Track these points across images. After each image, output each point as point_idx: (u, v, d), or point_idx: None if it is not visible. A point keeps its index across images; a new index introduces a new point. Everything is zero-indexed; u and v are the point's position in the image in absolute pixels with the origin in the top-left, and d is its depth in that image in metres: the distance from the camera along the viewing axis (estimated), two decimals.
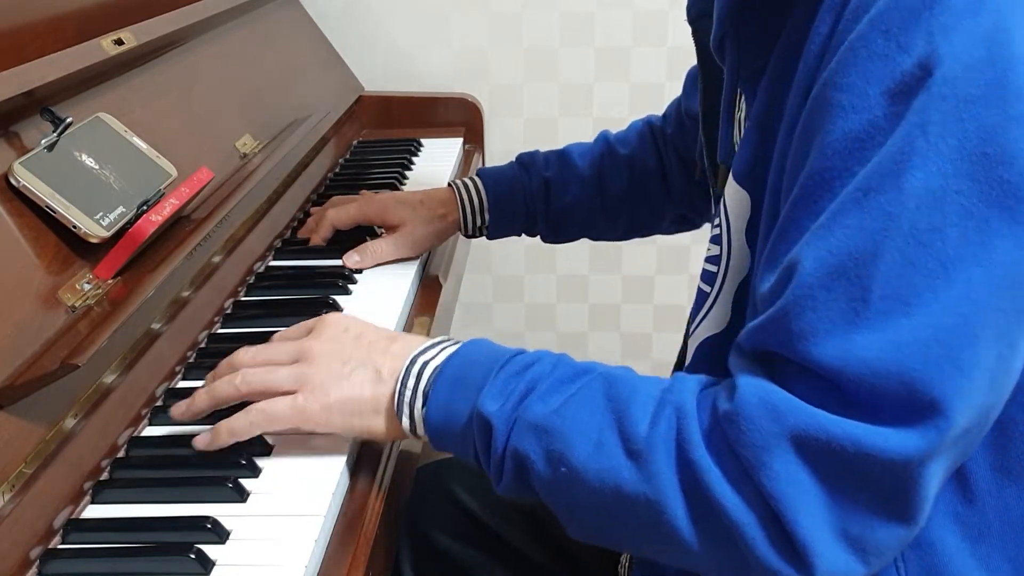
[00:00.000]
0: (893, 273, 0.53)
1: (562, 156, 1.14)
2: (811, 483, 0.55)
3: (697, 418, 0.60)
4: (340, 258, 1.08)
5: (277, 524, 0.67)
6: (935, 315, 0.52)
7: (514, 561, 0.98)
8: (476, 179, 1.14)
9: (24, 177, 0.76)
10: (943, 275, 0.52)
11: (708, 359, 0.71)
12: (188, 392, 0.84)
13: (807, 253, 0.55)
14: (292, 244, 1.15)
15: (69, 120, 0.83)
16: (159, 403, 0.82)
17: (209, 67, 1.18)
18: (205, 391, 0.74)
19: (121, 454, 0.76)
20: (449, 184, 1.15)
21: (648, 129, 1.15)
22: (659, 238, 1.49)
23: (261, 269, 1.08)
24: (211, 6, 1.19)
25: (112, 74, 0.97)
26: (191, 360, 0.89)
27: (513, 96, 1.76)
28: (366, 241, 1.09)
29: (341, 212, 1.11)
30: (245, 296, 1.02)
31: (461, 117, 1.65)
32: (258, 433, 0.72)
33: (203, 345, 0.92)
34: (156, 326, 0.86)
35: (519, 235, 1.17)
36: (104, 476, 0.73)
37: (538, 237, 1.17)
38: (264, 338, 0.92)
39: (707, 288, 0.71)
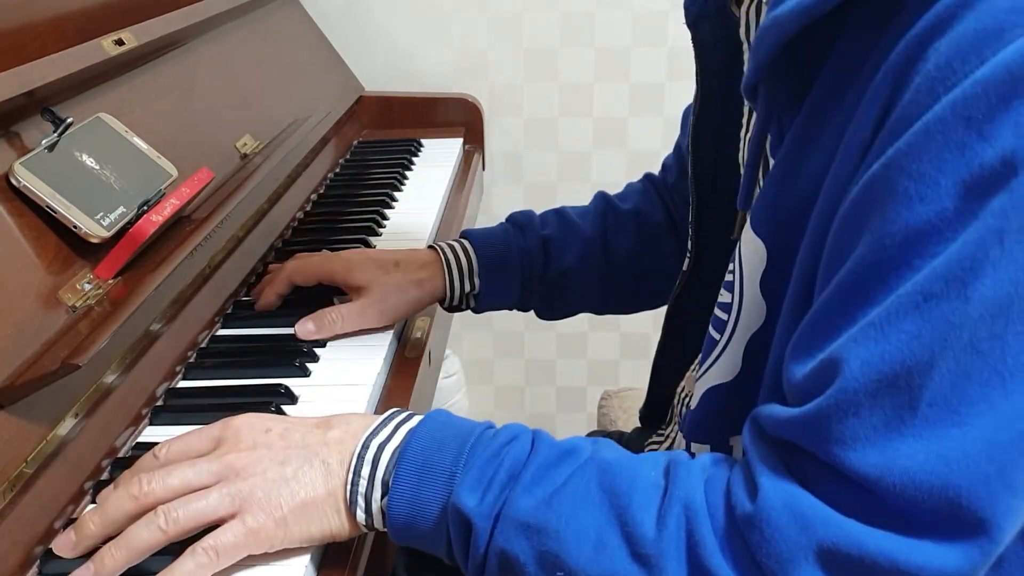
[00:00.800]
0: (946, 382, 0.49)
1: (560, 215, 1.03)
2: None
3: (709, 516, 0.55)
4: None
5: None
6: (988, 428, 0.48)
7: None
8: (463, 241, 1.00)
9: (25, 177, 0.76)
10: (1000, 385, 0.48)
11: (715, 407, 0.67)
12: (188, 392, 0.84)
13: (854, 353, 0.51)
14: (293, 244, 1.15)
15: (70, 120, 0.83)
16: (159, 403, 0.82)
17: (209, 67, 1.18)
18: (117, 547, 0.60)
19: (121, 454, 0.76)
20: (431, 246, 1.00)
21: (649, 184, 1.07)
22: None
23: (262, 269, 1.08)
24: (211, 6, 1.19)
25: (112, 74, 0.97)
26: (191, 360, 0.89)
27: (513, 96, 1.76)
28: (332, 301, 0.95)
29: (303, 266, 0.96)
30: (245, 296, 1.02)
31: (461, 117, 1.66)
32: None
33: (203, 345, 0.92)
34: (156, 326, 0.86)
35: (510, 308, 1.03)
36: (104, 476, 0.73)
37: (531, 312, 1.05)
38: (264, 338, 0.93)
39: (716, 335, 0.67)
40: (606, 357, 1.93)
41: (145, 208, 0.85)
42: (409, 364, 0.92)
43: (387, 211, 1.27)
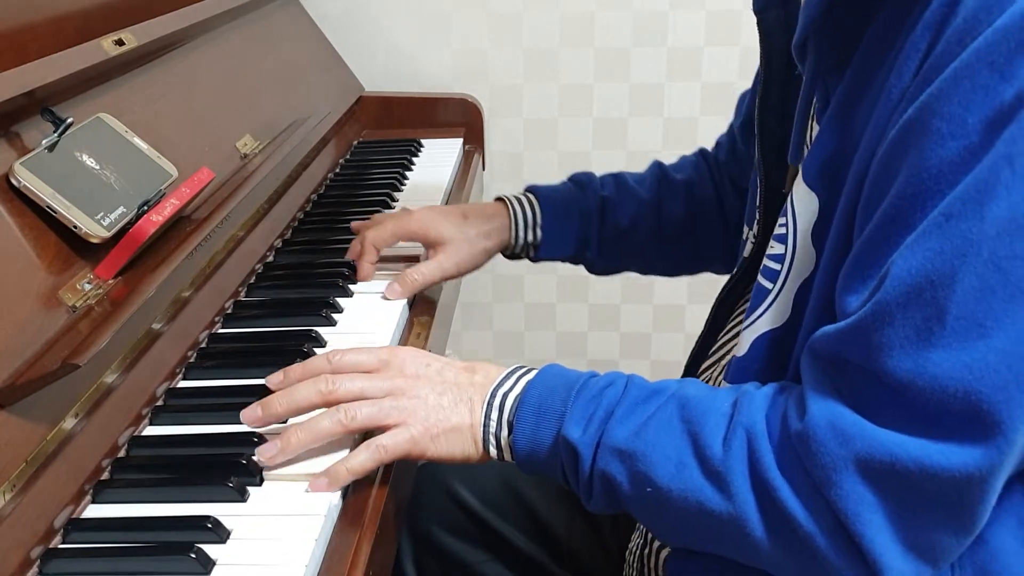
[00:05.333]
0: (970, 297, 0.55)
1: (618, 178, 1.11)
2: (877, 501, 0.59)
3: (768, 437, 0.63)
4: (343, 256, 1.07)
5: (278, 523, 0.67)
6: (1010, 340, 0.54)
7: (514, 559, 0.98)
8: (529, 194, 1.09)
9: (25, 177, 0.76)
10: (1020, 301, 0.54)
11: (765, 354, 0.73)
12: (188, 392, 0.84)
13: (890, 271, 0.57)
14: (293, 244, 1.15)
15: (70, 120, 0.83)
16: (160, 403, 0.82)
17: (210, 68, 1.18)
18: (302, 430, 0.72)
19: (122, 454, 0.76)
20: (498, 198, 1.09)
21: (702, 158, 1.12)
22: None
23: (261, 269, 1.08)
24: (211, 6, 1.19)
25: (113, 74, 0.97)
26: (192, 360, 0.89)
27: (513, 96, 1.76)
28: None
29: (381, 232, 1.04)
30: (246, 296, 1.02)
31: (461, 117, 1.66)
32: (376, 467, 0.73)
33: (204, 345, 0.92)
34: (157, 326, 0.86)
35: (566, 259, 1.11)
36: (105, 476, 0.73)
37: (582, 267, 1.13)
38: (265, 338, 0.93)
39: (768, 284, 0.73)
40: (606, 357, 1.93)
41: (145, 208, 0.85)
42: None
43: (387, 211, 1.27)
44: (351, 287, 1.02)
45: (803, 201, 0.69)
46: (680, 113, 1.76)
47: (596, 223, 1.08)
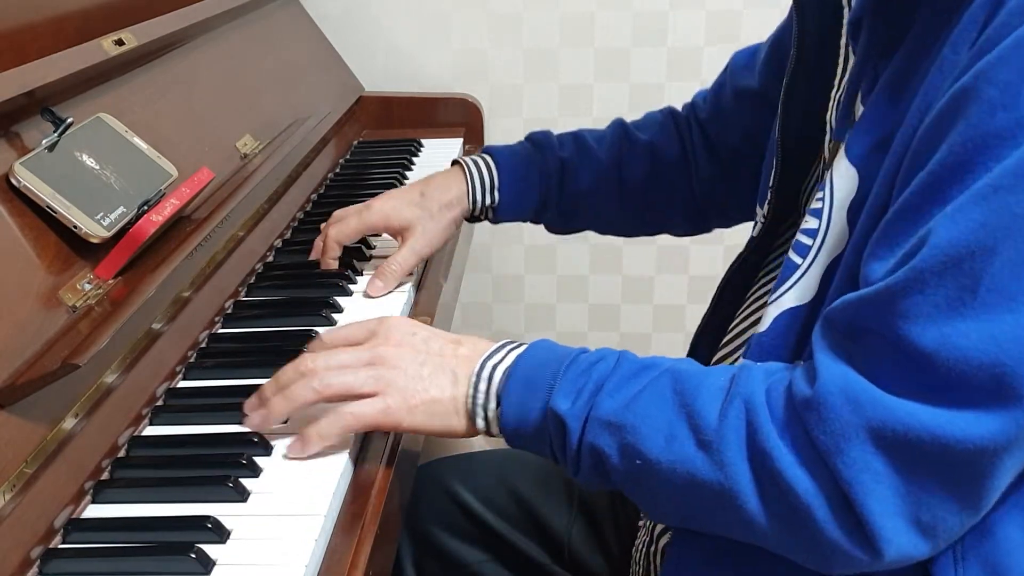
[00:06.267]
0: (1007, 270, 0.54)
1: (577, 138, 1.09)
2: (886, 472, 0.57)
3: (767, 407, 0.62)
4: (342, 256, 1.06)
5: (278, 523, 0.67)
6: None
7: (515, 559, 0.98)
8: (486, 156, 1.07)
9: (25, 177, 0.76)
10: None
11: (787, 329, 0.71)
12: (189, 392, 0.84)
13: (929, 239, 0.56)
14: (293, 244, 1.15)
15: (70, 120, 0.83)
16: (160, 403, 0.82)
17: (210, 67, 1.18)
18: (281, 397, 0.74)
19: (122, 454, 0.76)
20: (455, 161, 1.07)
21: (670, 118, 1.10)
22: (659, 238, 1.49)
23: (261, 269, 1.08)
24: (211, 6, 1.19)
25: (113, 74, 0.97)
26: (192, 360, 0.89)
27: (513, 96, 1.76)
28: (362, 251, 1.05)
29: (343, 228, 1.04)
30: (246, 296, 1.02)
31: (461, 117, 1.66)
32: (347, 435, 0.74)
33: (204, 345, 0.92)
34: (157, 326, 0.86)
35: (525, 220, 1.10)
36: (105, 476, 0.73)
37: (542, 226, 1.12)
38: (265, 338, 0.93)
39: (798, 260, 0.71)
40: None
41: (145, 208, 0.85)
42: None
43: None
44: (351, 287, 1.03)
45: (844, 177, 0.68)
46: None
47: (555, 184, 1.07)
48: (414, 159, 1.48)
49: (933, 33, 0.62)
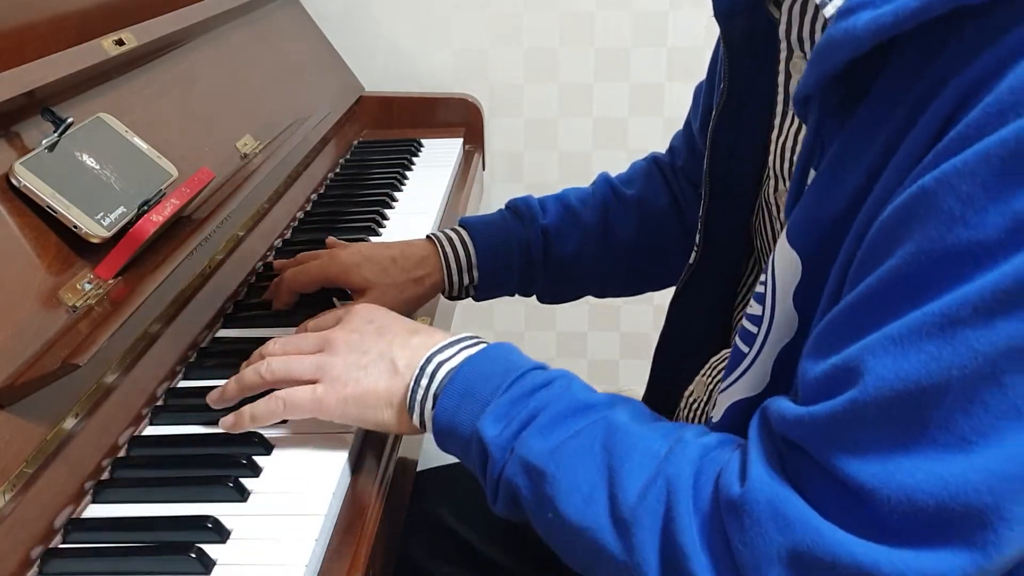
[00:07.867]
0: (959, 408, 0.48)
1: (560, 201, 1.03)
2: None
3: (692, 494, 0.57)
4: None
5: (278, 523, 0.67)
6: (995, 460, 0.48)
7: None
8: (460, 230, 0.99)
9: (25, 177, 0.76)
10: (1016, 420, 0.48)
11: (741, 421, 0.66)
12: (189, 392, 0.84)
13: (873, 365, 0.50)
14: (293, 244, 1.15)
15: (70, 120, 0.83)
16: (160, 403, 0.82)
17: (210, 67, 1.18)
18: (234, 379, 0.76)
19: (122, 453, 0.76)
20: (428, 236, 0.99)
21: (654, 166, 1.06)
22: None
23: (262, 269, 1.08)
24: (211, 6, 1.19)
25: (113, 74, 0.97)
26: (192, 360, 0.89)
27: (513, 96, 1.76)
28: (332, 303, 0.96)
29: (300, 275, 0.95)
30: (246, 296, 1.02)
31: (461, 117, 1.66)
32: (277, 420, 0.74)
33: (204, 345, 0.92)
34: (157, 326, 0.86)
35: (512, 294, 1.03)
36: (105, 476, 0.73)
37: (534, 297, 1.05)
38: (265, 337, 0.93)
39: (744, 348, 0.65)
40: (606, 357, 1.93)
41: (145, 208, 0.85)
42: None
43: (387, 211, 1.27)
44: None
45: (785, 260, 0.61)
46: (680, 113, 1.73)
47: (539, 255, 1.00)
48: (414, 159, 1.48)
49: (884, 116, 0.55)
